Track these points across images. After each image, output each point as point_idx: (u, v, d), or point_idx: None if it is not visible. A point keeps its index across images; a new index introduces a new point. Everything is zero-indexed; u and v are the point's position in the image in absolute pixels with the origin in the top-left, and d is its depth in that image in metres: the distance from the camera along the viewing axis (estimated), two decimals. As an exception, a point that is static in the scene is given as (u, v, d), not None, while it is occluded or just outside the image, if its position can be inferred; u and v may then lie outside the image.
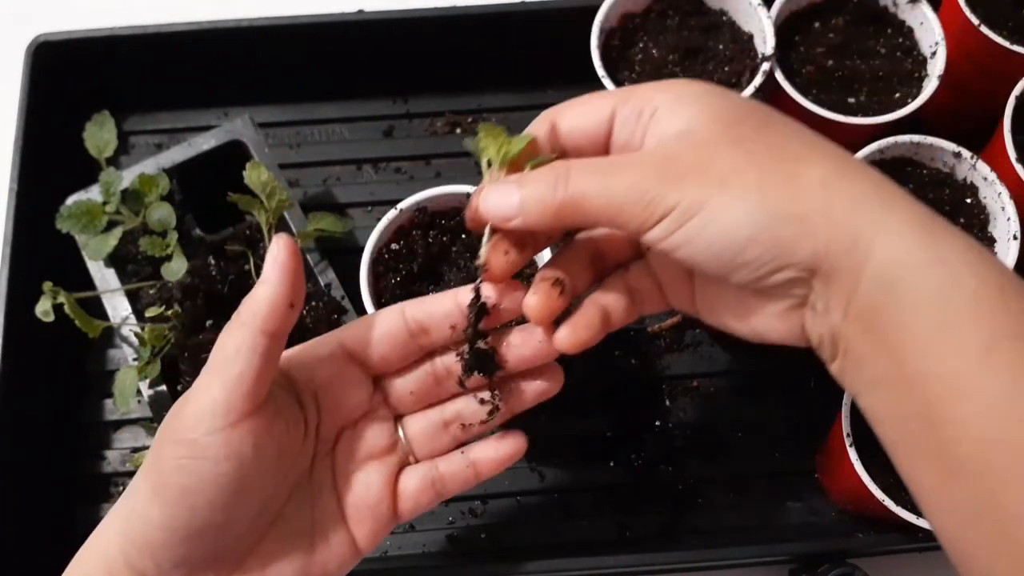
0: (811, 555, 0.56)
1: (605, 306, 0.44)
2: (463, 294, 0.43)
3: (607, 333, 0.44)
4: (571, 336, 0.43)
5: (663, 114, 0.39)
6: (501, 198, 0.39)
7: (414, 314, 0.43)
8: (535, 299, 0.42)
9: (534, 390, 0.45)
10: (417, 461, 0.45)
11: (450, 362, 0.44)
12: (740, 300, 0.41)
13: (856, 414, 0.53)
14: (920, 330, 0.34)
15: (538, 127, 0.41)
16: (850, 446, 0.53)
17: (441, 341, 0.43)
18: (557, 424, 0.63)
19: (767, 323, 0.40)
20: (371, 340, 0.43)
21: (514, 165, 0.41)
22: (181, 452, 0.38)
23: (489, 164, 0.41)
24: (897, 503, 0.51)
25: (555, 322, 0.43)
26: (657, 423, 0.63)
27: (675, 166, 0.37)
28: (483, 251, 0.41)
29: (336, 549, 0.43)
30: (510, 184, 0.39)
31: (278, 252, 0.39)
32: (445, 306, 0.43)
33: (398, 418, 0.45)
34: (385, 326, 0.43)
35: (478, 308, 0.42)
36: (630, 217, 0.37)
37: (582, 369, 0.65)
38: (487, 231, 0.41)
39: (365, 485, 0.44)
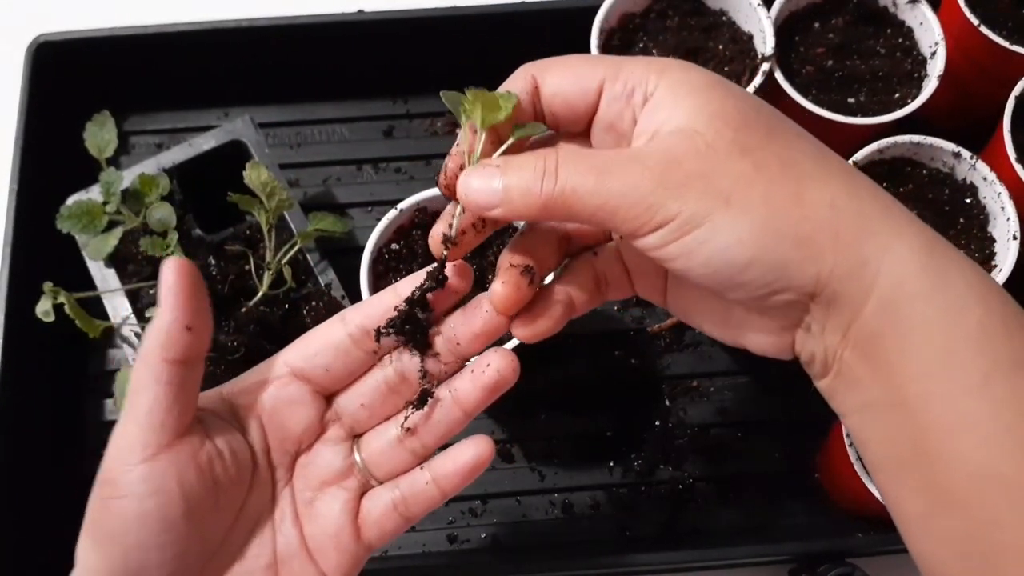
0: (811, 555, 0.56)
1: (569, 293, 0.41)
2: (403, 286, 0.40)
3: (568, 320, 0.41)
4: (531, 329, 0.40)
5: (661, 101, 0.36)
6: (483, 182, 0.36)
7: (354, 319, 0.40)
8: (504, 289, 0.39)
9: (487, 381, 0.40)
10: (380, 483, 0.41)
11: (401, 365, 0.40)
12: (725, 310, 0.39)
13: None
14: (922, 357, 0.33)
15: (519, 84, 0.38)
16: (850, 446, 0.53)
17: (386, 343, 0.40)
18: (557, 424, 0.63)
19: (752, 337, 0.39)
20: (312, 354, 0.40)
21: (495, 129, 0.38)
22: (104, 492, 0.36)
23: (467, 117, 0.37)
24: (897, 503, 0.51)
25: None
26: (657, 423, 0.63)
27: (677, 171, 0.34)
28: (455, 223, 0.38)
29: None
30: (492, 169, 0.36)
31: (167, 276, 0.37)
32: (385, 302, 0.40)
33: (357, 437, 0.42)
34: (326, 337, 0.40)
35: (438, 274, 0.39)
36: (624, 220, 0.35)
37: (582, 369, 0.65)
38: (460, 206, 0.38)
39: (323, 514, 0.41)
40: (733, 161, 0.34)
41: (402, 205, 0.57)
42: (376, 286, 0.56)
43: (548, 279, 0.45)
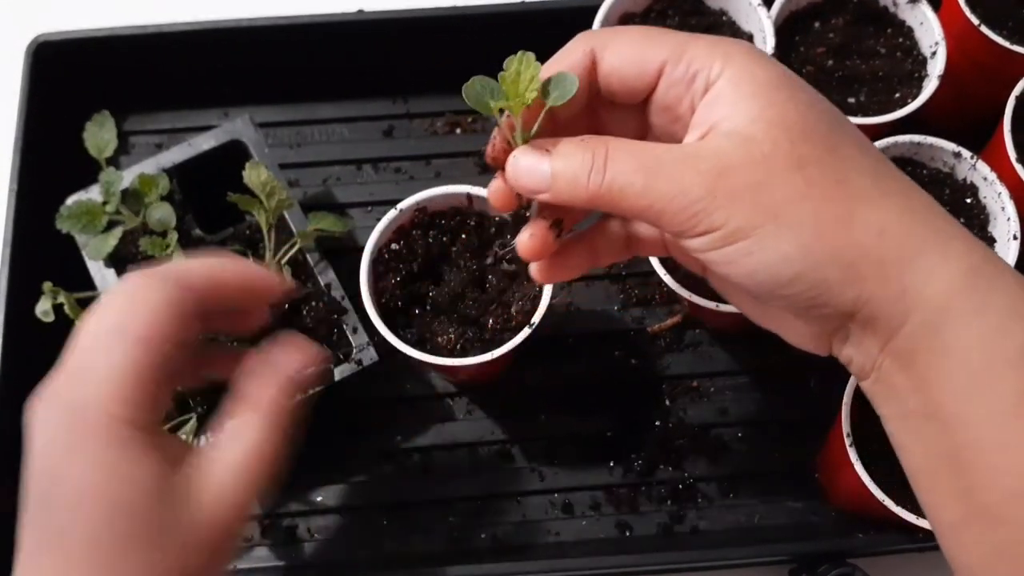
0: (811, 555, 0.56)
1: (595, 247, 0.43)
2: None
3: (589, 269, 0.43)
4: (547, 275, 0.42)
5: (721, 94, 0.36)
6: (532, 165, 0.37)
7: None
8: (530, 241, 0.40)
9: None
10: None
11: None
12: (764, 304, 0.40)
13: (856, 414, 0.53)
14: (959, 377, 0.34)
15: (576, 56, 0.38)
16: (850, 446, 0.53)
17: None
18: (557, 424, 0.63)
19: (789, 332, 0.39)
20: None
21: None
22: None
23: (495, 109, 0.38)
24: (897, 503, 0.51)
25: None
26: (657, 423, 0.63)
27: (728, 180, 0.34)
28: (533, 210, 0.41)
29: None
30: (541, 153, 0.37)
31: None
32: None
33: None
34: None
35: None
36: (670, 222, 0.35)
37: (582, 369, 0.65)
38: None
39: None
40: (787, 175, 0.34)
41: (402, 205, 0.57)
42: (376, 286, 0.56)
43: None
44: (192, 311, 0.37)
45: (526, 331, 0.53)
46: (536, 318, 0.54)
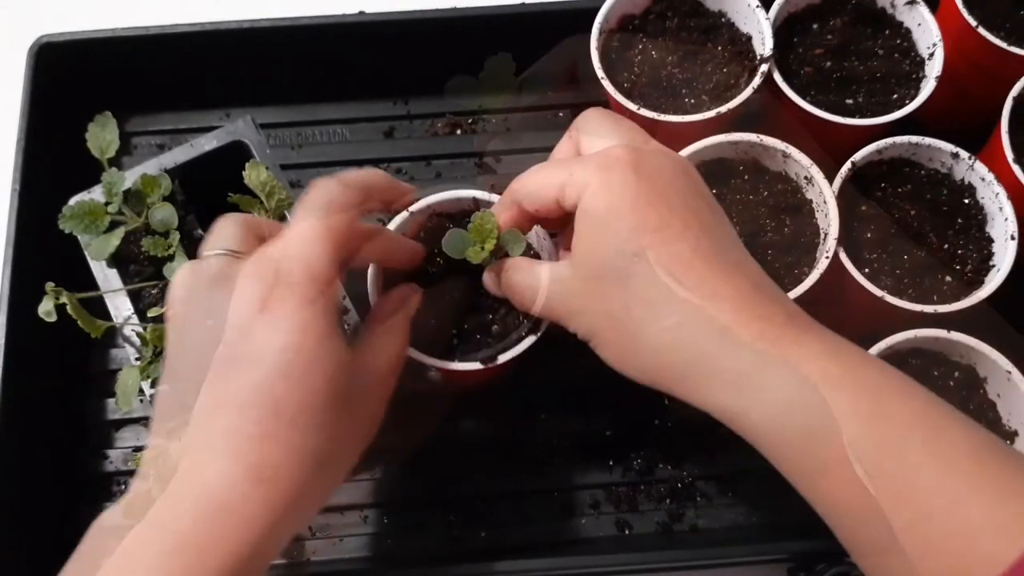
0: (809, 554, 0.56)
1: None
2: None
3: None
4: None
5: (574, 226, 0.47)
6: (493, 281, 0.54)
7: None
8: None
9: None
10: None
11: None
12: None
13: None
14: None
15: (507, 215, 0.51)
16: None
17: None
18: (557, 424, 0.64)
19: None
20: None
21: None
22: None
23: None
24: (895, 502, 0.52)
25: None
26: (657, 422, 0.63)
27: (572, 302, 0.48)
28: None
29: None
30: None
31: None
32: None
33: None
34: None
35: None
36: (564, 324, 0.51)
37: (582, 369, 0.65)
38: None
39: None
40: (593, 302, 0.46)
41: (412, 208, 0.57)
42: (379, 288, 0.56)
43: None
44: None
45: (531, 338, 0.53)
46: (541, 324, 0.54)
